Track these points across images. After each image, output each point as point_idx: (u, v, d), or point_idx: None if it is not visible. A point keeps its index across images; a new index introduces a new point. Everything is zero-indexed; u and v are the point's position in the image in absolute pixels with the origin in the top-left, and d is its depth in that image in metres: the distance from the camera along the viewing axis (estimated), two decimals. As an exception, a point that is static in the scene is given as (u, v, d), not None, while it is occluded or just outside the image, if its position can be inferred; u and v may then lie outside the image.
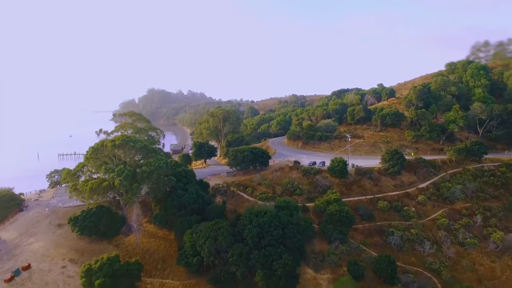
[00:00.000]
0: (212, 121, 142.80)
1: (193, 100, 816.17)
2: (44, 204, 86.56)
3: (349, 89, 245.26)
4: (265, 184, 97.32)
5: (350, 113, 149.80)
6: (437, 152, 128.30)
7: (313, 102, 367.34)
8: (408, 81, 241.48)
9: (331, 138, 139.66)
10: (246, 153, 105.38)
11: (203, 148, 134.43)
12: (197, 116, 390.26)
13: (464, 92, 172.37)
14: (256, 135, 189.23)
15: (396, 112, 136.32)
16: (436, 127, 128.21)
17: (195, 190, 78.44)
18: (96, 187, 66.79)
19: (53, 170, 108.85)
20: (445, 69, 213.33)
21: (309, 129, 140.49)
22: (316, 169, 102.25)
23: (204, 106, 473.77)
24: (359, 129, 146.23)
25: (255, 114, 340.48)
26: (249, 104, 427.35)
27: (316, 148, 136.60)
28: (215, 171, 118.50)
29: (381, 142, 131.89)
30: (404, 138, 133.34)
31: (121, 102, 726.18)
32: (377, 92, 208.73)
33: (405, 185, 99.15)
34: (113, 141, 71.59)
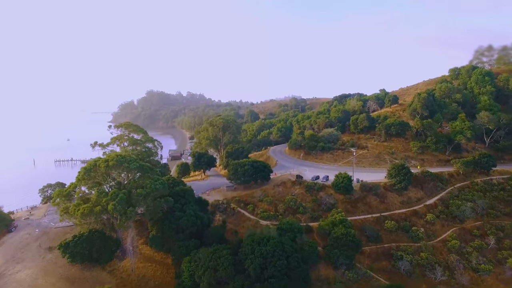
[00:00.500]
0: (212, 130, 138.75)
1: (192, 101, 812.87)
2: (35, 224, 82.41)
3: (351, 94, 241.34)
4: (267, 201, 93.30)
5: (353, 122, 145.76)
6: (443, 163, 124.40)
7: (313, 105, 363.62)
8: (410, 86, 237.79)
9: (334, 149, 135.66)
10: (247, 167, 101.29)
11: (202, 159, 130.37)
12: (196, 120, 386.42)
13: (469, 99, 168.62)
14: (256, 143, 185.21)
15: (401, 122, 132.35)
16: (442, 138, 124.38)
17: (193, 212, 74.37)
18: (88, 212, 62.71)
19: (46, 185, 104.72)
20: (449, 74, 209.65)
21: (311, 139, 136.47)
22: (320, 184, 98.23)
23: (204, 109, 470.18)
24: (362, 138, 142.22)
25: (255, 117, 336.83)
26: (248, 108, 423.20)
27: (318, 159, 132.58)
28: (215, 184, 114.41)
29: (386, 153, 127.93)
30: (409, 149, 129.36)
31: (120, 104, 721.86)
32: (380, 98, 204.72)
33: (412, 201, 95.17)
34: (107, 161, 67.46)
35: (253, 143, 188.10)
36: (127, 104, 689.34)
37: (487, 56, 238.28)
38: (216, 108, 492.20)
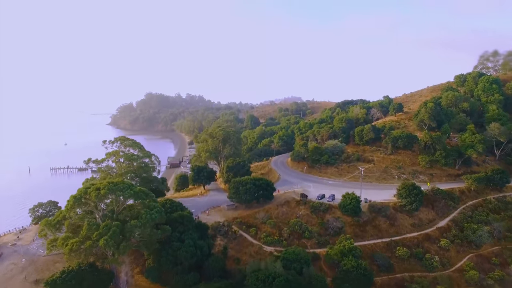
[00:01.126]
0: (211, 142, 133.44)
1: (191, 103, 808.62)
2: (22, 251, 76.93)
3: (354, 100, 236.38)
4: (270, 224, 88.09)
5: (358, 134, 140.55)
6: (453, 178, 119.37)
7: (314, 110, 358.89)
8: (414, 93, 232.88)
9: (338, 162, 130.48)
10: (249, 186, 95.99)
11: (201, 173, 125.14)
12: (195, 124, 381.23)
13: (476, 108, 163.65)
14: (257, 152, 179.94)
15: (408, 135, 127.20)
16: (452, 152, 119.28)
17: (192, 242, 69.10)
18: (76, 248, 57.38)
19: (37, 204, 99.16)
20: (454, 81, 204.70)
21: (315, 152, 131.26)
22: (326, 205, 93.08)
23: (203, 113, 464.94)
24: (367, 151, 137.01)
25: (255, 122, 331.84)
26: (248, 112, 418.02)
27: (322, 172, 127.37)
28: (215, 201, 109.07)
29: (393, 167, 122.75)
30: (417, 163, 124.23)
31: (119, 106, 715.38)
32: (384, 105, 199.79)
33: (423, 223, 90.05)
34: (98, 190, 62.08)
35: (254, 152, 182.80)
36: (125, 107, 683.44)
37: (492, 62, 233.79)
38: (216, 112, 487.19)
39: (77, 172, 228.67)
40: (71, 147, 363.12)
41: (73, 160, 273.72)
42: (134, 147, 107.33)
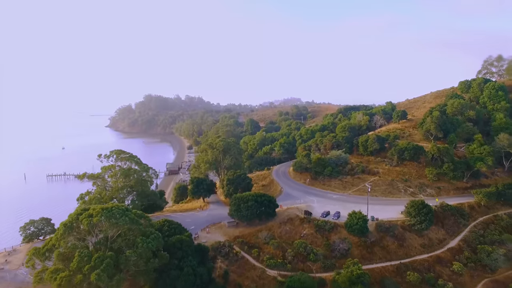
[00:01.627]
0: (211, 153, 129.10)
1: (190, 105, 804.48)
2: (9, 277, 72.38)
3: (356, 106, 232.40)
4: (274, 244, 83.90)
5: (362, 144, 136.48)
6: (461, 191, 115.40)
7: (315, 113, 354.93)
8: (417, 98, 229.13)
9: (342, 173, 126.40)
10: (251, 203, 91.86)
11: (201, 186, 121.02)
12: (194, 127, 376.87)
13: (482, 116, 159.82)
14: (258, 161, 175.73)
15: (415, 147, 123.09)
16: (460, 165, 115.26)
17: (192, 269, 64.75)
18: (65, 284, 53.05)
19: (29, 221, 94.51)
20: (458, 87, 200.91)
21: (318, 164, 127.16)
22: (331, 223, 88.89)
23: (202, 116, 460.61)
24: (372, 162, 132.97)
25: (255, 126, 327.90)
26: (248, 115, 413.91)
27: (326, 185, 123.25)
28: (215, 217, 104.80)
29: (399, 180, 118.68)
30: (424, 175, 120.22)
31: (118, 108, 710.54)
32: (387, 111, 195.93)
33: (433, 244, 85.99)
34: (90, 217, 57.84)
35: (254, 160, 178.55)
36: (124, 109, 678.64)
37: (496, 67, 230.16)
38: (215, 114, 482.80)
39: (73, 179, 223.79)
40: (69, 151, 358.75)
41: (70, 165, 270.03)
42: (130, 161, 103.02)
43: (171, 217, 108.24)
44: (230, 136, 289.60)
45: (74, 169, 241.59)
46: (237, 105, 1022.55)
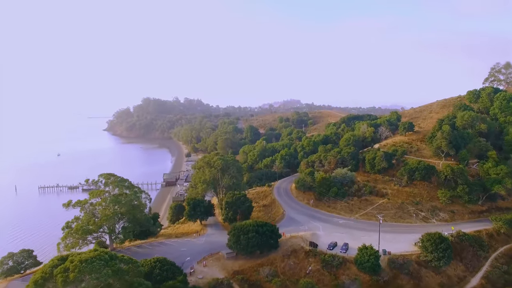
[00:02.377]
0: (209, 172, 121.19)
1: (189, 108, 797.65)
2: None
3: (359, 116, 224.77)
4: (277, 284, 76.16)
5: (369, 162, 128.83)
6: (476, 215, 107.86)
7: (316, 119, 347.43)
8: (423, 107, 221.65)
9: (349, 194, 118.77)
10: (251, 234, 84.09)
11: (198, 208, 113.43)
12: (193, 133, 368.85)
13: (493, 129, 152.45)
14: (258, 175, 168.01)
15: (426, 167, 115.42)
16: (476, 187, 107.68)
17: (184, 326, 57.13)
18: None
19: (7, 255, 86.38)
20: (466, 96, 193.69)
21: (323, 184, 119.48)
22: (339, 258, 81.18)
23: (201, 121, 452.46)
24: (379, 181, 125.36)
25: (255, 133, 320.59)
26: (248, 121, 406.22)
27: (331, 207, 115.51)
28: (213, 245, 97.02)
29: (409, 203, 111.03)
30: (436, 197, 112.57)
31: (116, 111, 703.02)
32: (392, 122, 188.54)
33: (453, 283, 78.36)
34: (66, 272, 50.01)
35: (254, 174, 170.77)
36: (122, 112, 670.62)
37: (504, 74, 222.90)
38: (214, 119, 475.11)
39: (67, 190, 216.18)
40: (64, 157, 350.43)
41: (65, 174, 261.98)
42: (120, 186, 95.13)
43: (165, 244, 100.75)
44: (229, 144, 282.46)
45: (69, 179, 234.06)
46: (237, 107, 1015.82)
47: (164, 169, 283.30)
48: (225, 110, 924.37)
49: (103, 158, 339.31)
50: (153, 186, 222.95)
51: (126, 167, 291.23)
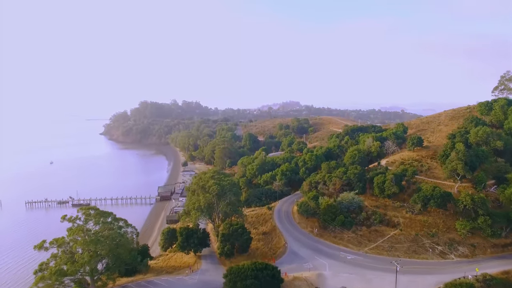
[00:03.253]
0: (204, 198, 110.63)
1: (188, 111, 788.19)
2: None
3: (363, 127, 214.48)
4: None
5: (378, 186, 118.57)
6: (500, 249, 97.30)
7: (317, 126, 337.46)
8: (430, 118, 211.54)
9: (356, 223, 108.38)
10: (249, 281, 73.81)
11: (191, 239, 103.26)
12: (190, 140, 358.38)
13: (509, 146, 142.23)
14: (257, 194, 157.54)
15: (442, 194, 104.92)
16: (499, 219, 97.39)
17: None
18: None
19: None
20: (477, 108, 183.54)
21: (328, 210, 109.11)
22: (351, 311, 70.82)
23: (198, 126, 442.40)
24: (390, 207, 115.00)
25: (254, 141, 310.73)
26: (247, 126, 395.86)
27: (338, 238, 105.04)
28: (207, 285, 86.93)
29: (424, 234, 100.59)
30: (453, 228, 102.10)
31: (113, 114, 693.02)
32: (398, 135, 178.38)
33: None
34: None
35: (253, 193, 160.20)
36: (119, 116, 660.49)
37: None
38: (212, 124, 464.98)
39: (56, 205, 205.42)
40: (57, 166, 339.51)
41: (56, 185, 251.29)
42: (102, 223, 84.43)
43: (154, 284, 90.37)
44: (227, 153, 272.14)
45: (60, 192, 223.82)
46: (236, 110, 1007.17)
47: (160, 179, 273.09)
48: (224, 112, 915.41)
49: (97, 167, 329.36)
50: (147, 201, 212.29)
51: (121, 177, 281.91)
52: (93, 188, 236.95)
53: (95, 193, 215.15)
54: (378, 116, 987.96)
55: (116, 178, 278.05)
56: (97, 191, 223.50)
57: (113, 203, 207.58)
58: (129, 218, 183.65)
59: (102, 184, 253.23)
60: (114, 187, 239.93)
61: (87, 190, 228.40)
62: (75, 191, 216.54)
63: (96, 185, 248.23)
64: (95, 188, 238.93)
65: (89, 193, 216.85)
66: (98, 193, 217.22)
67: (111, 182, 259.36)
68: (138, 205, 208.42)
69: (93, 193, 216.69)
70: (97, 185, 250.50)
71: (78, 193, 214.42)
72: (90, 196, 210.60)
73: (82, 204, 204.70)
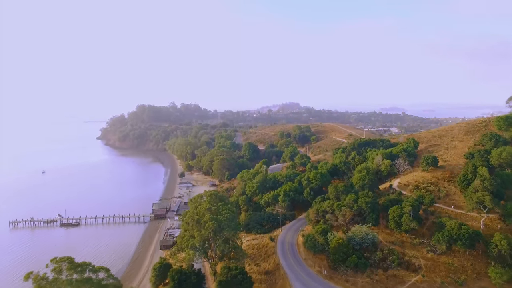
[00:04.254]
0: (198, 236, 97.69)
1: (186, 114, 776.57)
2: None
3: (371, 141, 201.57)
4: None
5: (394, 219, 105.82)
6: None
7: (319, 134, 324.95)
8: (442, 131, 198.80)
9: (371, 264, 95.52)
10: None
11: (184, 284, 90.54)
12: (188, 149, 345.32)
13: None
14: (258, 219, 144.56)
15: (471, 234, 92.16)
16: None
17: None
18: None
19: None
20: (495, 123, 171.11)
21: (338, 250, 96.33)
22: None
23: (197, 132, 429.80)
24: (408, 244, 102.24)
25: (253, 150, 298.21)
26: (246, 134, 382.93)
27: (350, 282, 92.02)
28: None
29: (451, 282, 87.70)
30: (485, 273, 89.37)
31: (110, 118, 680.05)
32: (410, 152, 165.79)
33: None
34: None
35: (254, 218, 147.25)
36: (116, 119, 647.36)
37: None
38: (211, 130, 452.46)
39: (43, 224, 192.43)
40: (50, 176, 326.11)
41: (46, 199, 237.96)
42: (76, 281, 71.60)
43: None
44: (226, 165, 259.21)
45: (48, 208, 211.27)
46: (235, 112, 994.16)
47: (156, 192, 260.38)
48: (223, 115, 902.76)
49: (91, 178, 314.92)
50: (141, 219, 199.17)
51: (115, 190, 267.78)
52: (85, 203, 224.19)
53: (86, 211, 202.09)
54: (379, 118, 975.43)
55: (109, 191, 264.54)
56: (88, 207, 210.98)
57: (104, 222, 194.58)
58: (121, 240, 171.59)
59: (95, 198, 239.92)
60: (107, 202, 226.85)
61: (78, 206, 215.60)
62: (64, 209, 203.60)
63: (88, 199, 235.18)
64: (87, 202, 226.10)
65: (79, 210, 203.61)
66: (89, 209, 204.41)
67: (104, 196, 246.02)
68: (131, 224, 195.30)
69: (84, 210, 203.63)
70: (89, 199, 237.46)
71: (66, 211, 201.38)
72: (80, 214, 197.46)
73: (71, 223, 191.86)
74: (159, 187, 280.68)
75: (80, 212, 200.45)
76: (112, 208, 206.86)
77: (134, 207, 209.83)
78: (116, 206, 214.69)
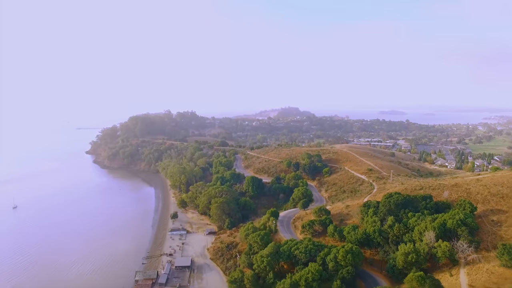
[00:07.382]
0: None
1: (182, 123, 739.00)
2: None
3: (410, 197, 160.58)
4: None
5: None
6: None
7: (331, 163, 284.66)
8: (499, 178, 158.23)
9: None
10: None
11: None
12: (181, 178, 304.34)
13: None
14: None
15: None
16: None
17: None
18: None
19: None
20: None
21: None
22: None
23: (192, 154, 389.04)
24: None
25: (257, 186, 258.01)
26: (248, 157, 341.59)
27: None
28: None
29: None
30: None
31: (100, 130, 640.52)
32: (471, 226, 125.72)
33: None
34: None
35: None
36: (107, 132, 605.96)
37: None
38: (208, 151, 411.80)
39: None
40: (21, 213, 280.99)
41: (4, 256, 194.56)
42: None
43: None
44: (226, 209, 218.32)
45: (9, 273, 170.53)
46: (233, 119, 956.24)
47: (143, 240, 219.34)
48: (221, 123, 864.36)
49: (67, 221, 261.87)
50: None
51: (92, 242, 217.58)
52: (50, 267, 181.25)
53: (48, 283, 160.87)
54: (383, 127, 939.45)
55: (85, 244, 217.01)
56: (54, 276, 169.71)
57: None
58: None
59: (64, 261, 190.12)
60: (80, 265, 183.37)
61: (38, 273, 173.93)
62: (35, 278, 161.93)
63: (55, 262, 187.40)
64: (52, 266, 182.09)
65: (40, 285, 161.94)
66: (54, 282, 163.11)
67: (77, 255, 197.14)
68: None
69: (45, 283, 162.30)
70: (56, 262, 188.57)
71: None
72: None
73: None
74: (147, 231, 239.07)
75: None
76: (83, 276, 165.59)
77: (111, 272, 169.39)
78: (87, 268, 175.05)
